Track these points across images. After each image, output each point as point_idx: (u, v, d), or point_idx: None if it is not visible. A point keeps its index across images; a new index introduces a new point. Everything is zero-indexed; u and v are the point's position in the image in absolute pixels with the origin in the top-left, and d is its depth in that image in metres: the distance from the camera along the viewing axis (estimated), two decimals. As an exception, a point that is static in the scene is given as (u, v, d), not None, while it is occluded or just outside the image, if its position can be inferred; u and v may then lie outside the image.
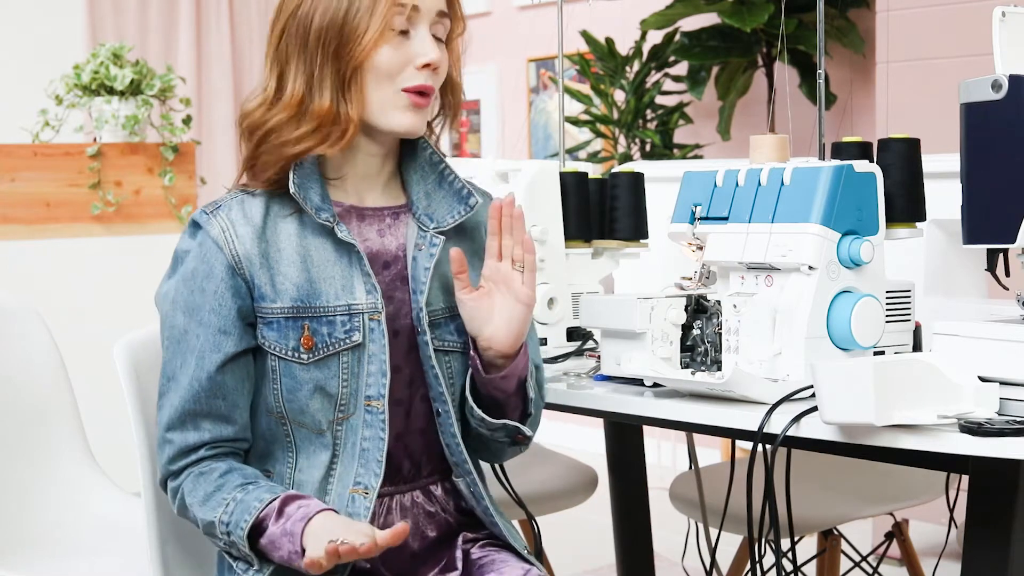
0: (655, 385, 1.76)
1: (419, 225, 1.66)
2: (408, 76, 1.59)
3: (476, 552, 1.69)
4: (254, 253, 1.59)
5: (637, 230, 2.13)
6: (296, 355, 1.59)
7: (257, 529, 1.53)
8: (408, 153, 1.70)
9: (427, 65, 1.59)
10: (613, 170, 2.28)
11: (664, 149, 4.42)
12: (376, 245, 1.65)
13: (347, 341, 1.59)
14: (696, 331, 1.77)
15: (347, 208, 1.65)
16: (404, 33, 1.59)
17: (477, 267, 1.68)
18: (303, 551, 1.48)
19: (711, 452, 4.60)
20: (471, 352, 1.64)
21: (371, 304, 1.61)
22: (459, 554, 1.68)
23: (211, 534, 1.58)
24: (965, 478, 1.52)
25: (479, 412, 1.64)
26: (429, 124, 1.70)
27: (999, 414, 1.47)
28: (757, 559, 1.75)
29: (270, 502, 1.53)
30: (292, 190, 1.59)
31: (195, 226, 1.62)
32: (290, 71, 1.60)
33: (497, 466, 1.95)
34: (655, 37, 4.55)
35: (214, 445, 1.61)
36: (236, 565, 1.59)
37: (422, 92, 1.60)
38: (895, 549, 2.76)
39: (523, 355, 1.65)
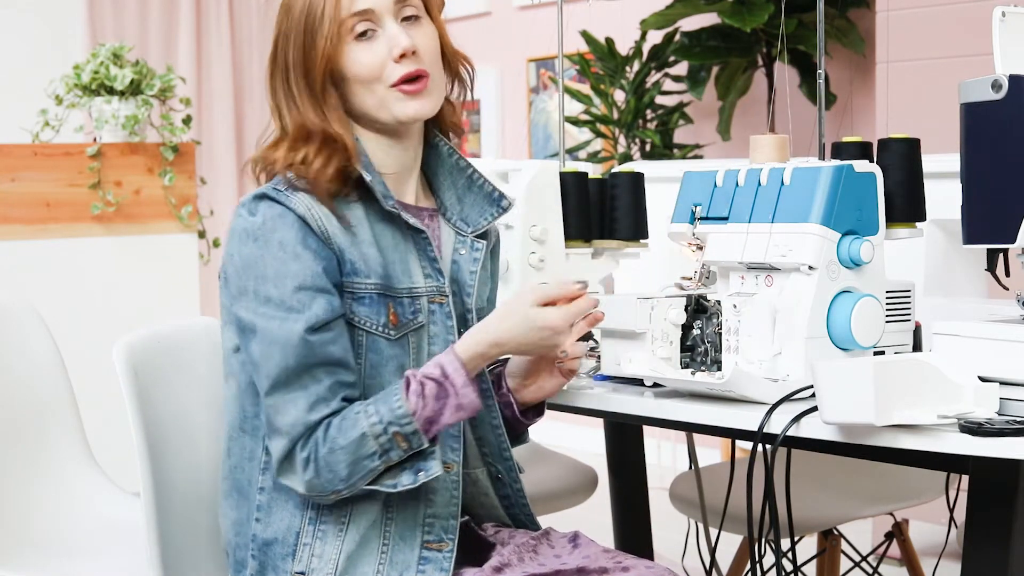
0: (655, 385, 1.76)
1: (456, 229, 1.72)
2: (391, 71, 1.62)
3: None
4: (339, 230, 1.59)
5: (637, 230, 2.13)
6: (385, 331, 1.61)
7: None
8: (434, 158, 1.74)
9: (403, 55, 1.61)
10: (613, 170, 2.28)
11: (664, 149, 4.42)
12: None
13: (415, 322, 1.63)
14: (696, 331, 1.77)
15: (396, 202, 1.68)
16: (372, 34, 1.61)
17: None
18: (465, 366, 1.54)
19: (711, 452, 4.59)
20: (509, 396, 1.74)
21: (433, 287, 1.65)
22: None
23: (361, 453, 1.52)
24: (965, 478, 1.52)
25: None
26: (454, 126, 1.74)
27: (999, 414, 1.47)
28: (757, 559, 1.75)
29: (403, 377, 1.55)
30: (368, 179, 1.61)
31: (264, 199, 1.59)
32: (282, 103, 1.64)
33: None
34: (655, 37, 4.54)
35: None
36: (400, 476, 1.55)
37: (410, 79, 1.62)
38: (895, 549, 2.76)
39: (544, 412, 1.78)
